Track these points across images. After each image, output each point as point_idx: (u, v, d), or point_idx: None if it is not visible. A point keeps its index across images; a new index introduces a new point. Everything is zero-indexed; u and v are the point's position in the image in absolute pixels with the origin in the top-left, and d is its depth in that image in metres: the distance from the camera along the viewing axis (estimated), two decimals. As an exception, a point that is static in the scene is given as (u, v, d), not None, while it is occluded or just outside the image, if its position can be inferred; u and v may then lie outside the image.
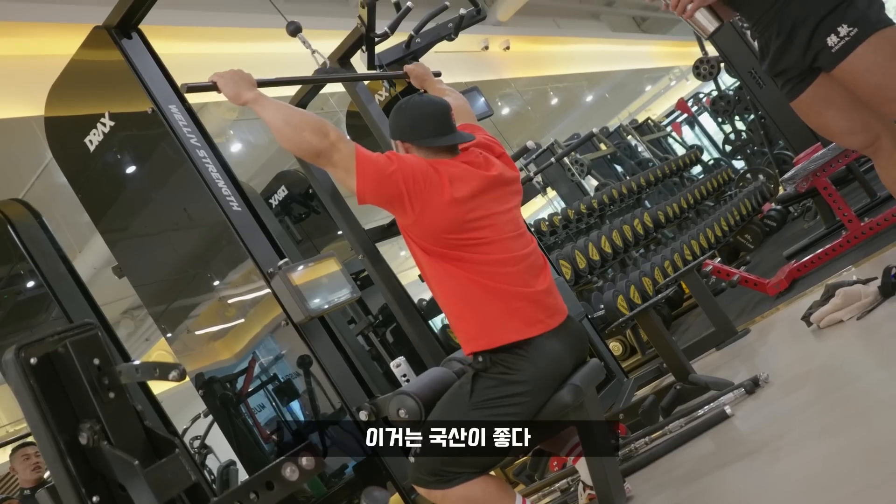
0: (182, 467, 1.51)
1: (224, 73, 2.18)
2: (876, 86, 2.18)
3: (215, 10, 7.47)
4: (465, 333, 2.08)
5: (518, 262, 2.09)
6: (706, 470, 2.38)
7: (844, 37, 2.16)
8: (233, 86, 2.15)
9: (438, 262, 2.07)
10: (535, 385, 2.00)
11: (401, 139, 2.19)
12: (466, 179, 2.07)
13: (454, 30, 3.58)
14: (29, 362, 1.51)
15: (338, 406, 2.97)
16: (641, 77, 21.76)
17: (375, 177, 1.99)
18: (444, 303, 2.12)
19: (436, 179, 2.03)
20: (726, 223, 6.80)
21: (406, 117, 2.18)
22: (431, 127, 2.15)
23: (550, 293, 2.14)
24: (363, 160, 2.00)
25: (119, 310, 10.27)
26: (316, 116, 2.07)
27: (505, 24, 12.56)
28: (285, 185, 5.42)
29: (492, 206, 2.10)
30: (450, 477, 2.01)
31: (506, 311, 2.03)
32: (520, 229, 2.18)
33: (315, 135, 2.00)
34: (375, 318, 5.05)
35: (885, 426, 1.87)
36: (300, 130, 2.01)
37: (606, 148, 10.04)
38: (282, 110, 2.06)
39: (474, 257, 2.04)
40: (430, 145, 2.15)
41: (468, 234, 2.05)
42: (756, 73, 6.48)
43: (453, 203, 2.02)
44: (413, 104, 2.20)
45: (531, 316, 2.04)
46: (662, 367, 3.90)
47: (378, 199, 2.03)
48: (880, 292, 2.89)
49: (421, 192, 2.01)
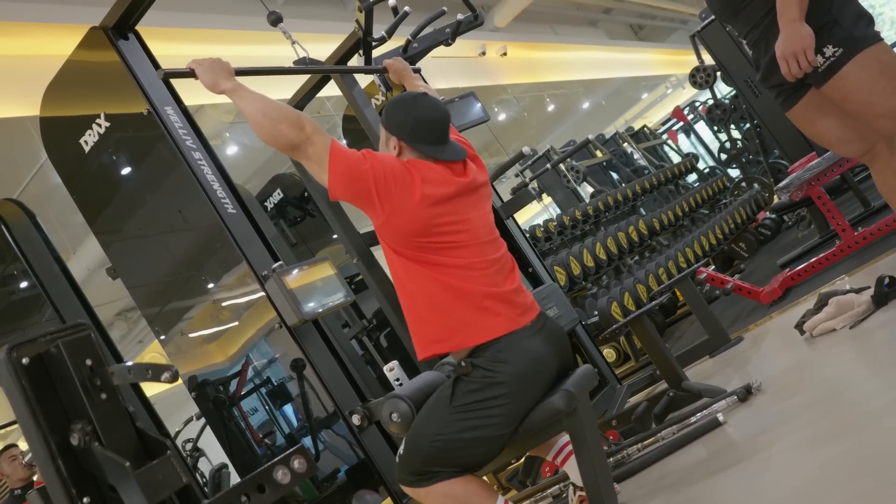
0: (173, 469, 1.50)
1: (203, 61, 2.17)
2: (863, 103, 2.20)
3: (212, 12, 7.47)
4: (428, 336, 2.07)
5: (488, 265, 2.09)
6: (698, 477, 2.38)
7: (830, 57, 2.18)
8: (211, 74, 2.14)
9: (407, 262, 2.06)
10: (517, 387, 2.00)
11: (396, 135, 2.15)
12: (440, 183, 2.07)
13: (451, 35, 3.58)
14: (21, 362, 1.51)
15: (331, 410, 2.96)
16: (638, 85, 21.83)
17: (346, 173, 1.99)
18: (409, 304, 2.10)
19: (407, 180, 2.02)
20: (721, 231, 6.81)
21: (410, 117, 2.14)
22: (431, 135, 2.14)
23: (520, 292, 2.13)
24: (336, 155, 1.99)
25: (113, 311, 10.23)
26: (293, 109, 2.07)
27: (502, 30, 12.59)
28: (281, 188, 5.42)
29: (465, 211, 2.10)
30: (430, 476, 2.02)
31: (475, 310, 2.02)
32: (492, 234, 2.17)
33: (291, 127, 2.00)
34: (369, 322, 5.04)
35: (876, 435, 1.88)
36: (276, 122, 2.01)
37: (602, 155, 10.06)
38: (259, 101, 2.05)
39: (444, 260, 2.04)
40: (424, 153, 2.13)
41: (438, 238, 2.04)
42: (752, 82, 6.52)
43: (423, 204, 2.01)
44: (419, 105, 2.17)
45: (501, 313, 2.04)
46: (656, 374, 3.91)
47: (348, 195, 2.03)
48: (873, 301, 2.90)
49: (390, 193, 2.00)
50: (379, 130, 2.28)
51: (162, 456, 1.55)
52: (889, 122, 2.21)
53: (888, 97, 2.17)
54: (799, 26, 2.15)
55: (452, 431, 1.99)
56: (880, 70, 2.16)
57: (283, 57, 3.09)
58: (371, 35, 3.26)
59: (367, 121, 3.51)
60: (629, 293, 4.99)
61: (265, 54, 7.54)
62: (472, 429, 1.99)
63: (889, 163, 2.34)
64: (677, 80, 21.39)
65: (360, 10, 3.17)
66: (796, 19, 2.15)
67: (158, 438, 1.59)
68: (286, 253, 4.77)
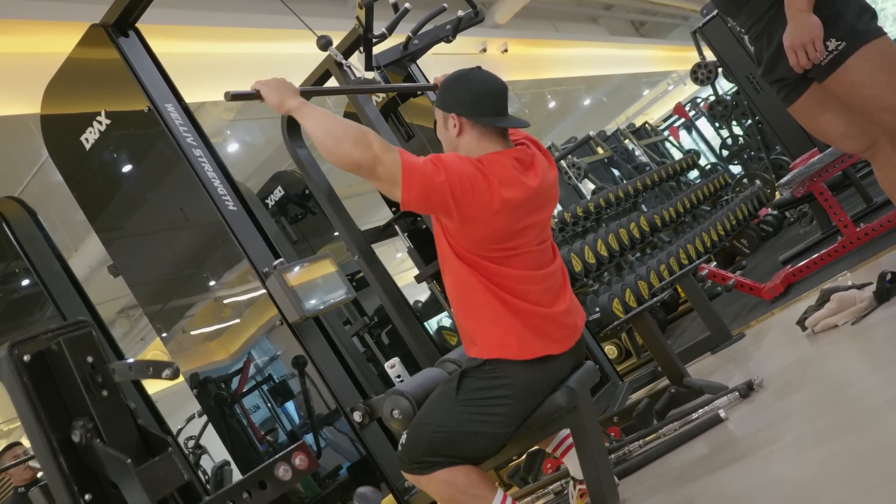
0: (175, 466, 1.50)
1: (268, 82, 2.10)
2: (866, 97, 2.19)
3: (213, 9, 7.46)
4: (482, 341, 2.04)
5: (542, 280, 2.06)
6: (700, 473, 2.38)
7: (833, 51, 2.18)
8: (277, 94, 2.06)
9: (466, 267, 2.01)
10: (526, 390, 2.01)
11: (457, 112, 2.07)
12: (514, 186, 1.99)
13: (452, 32, 3.58)
14: (22, 360, 1.51)
15: (332, 406, 2.97)
16: (639, 81, 21.80)
17: (422, 187, 1.90)
18: (459, 304, 2.07)
19: (484, 186, 1.94)
20: (722, 227, 6.81)
21: (468, 91, 2.08)
22: (493, 105, 2.07)
23: (570, 312, 2.11)
24: (409, 172, 1.90)
25: (114, 309, 10.25)
26: (358, 126, 1.97)
27: (503, 26, 12.57)
28: (282, 185, 5.42)
29: (531, 217, 2.05)
30: (430, 465, 2.03)
31: (522, 328, 2.00)
32: (547, 240, 2.14)
33: (357, 147, 1.90)
34: (371, 319, 5.04)
35: (878, 431, 1.88)
36: (340, 142, 1.92)
37: (603, 151, 10.05)
38: (324, 121, 1.97)
39: (500, 270, 2.00)
40: (489, 124, 2.06)
41: (509, 243, 2.00)
42: (753, 78, 6.51)
43: (502, 212, 1.95)
44: (477, 77, 2.11)
45: (549, 336, 2.03)
46: (657, 371, 3.90)
47: (423, 208, 1.97)
48: (875, 297, 2.90)
49: (468, 202, 1.93)
50: (379, 128, 2.26)
51: (163, 453, 1.55)
52: (892, 116, 2.21)
53: (891, 91, 2.17)
54: (807, 17, 2.14)
55: (455, 424, 2.00)
56: (883, 64, 2.16)
57: (284, 55, 3.09)
58: (371, 32, 3.25)
59: (367, 117, 3.51)
60: (631, 290, 4.99)
61: (266, 52, 7.54)
62: (474, 423, 1.99)
63: (891, 158, 2.34)
64: (679, 76, 21.37)
65: (360, 6, 3.16)
66: (804, 10, 2.14)
67: (160, 435, 1.60)
68: (287, 250, 4.78)
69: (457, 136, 2.09)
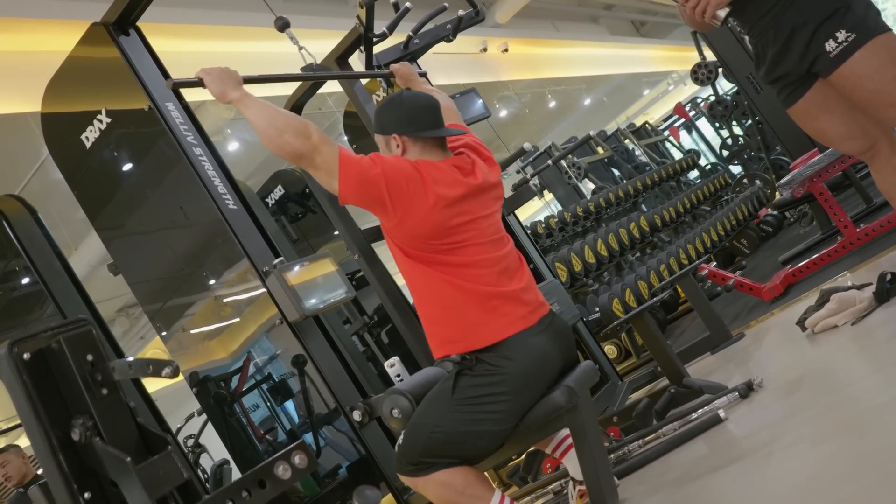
0: (174, 464, 1.51)
1: (211, 70, 2.17)
2: (873, 91, 2.18)
3: (213, 8, 7.46)
4: (440, 337, 2.09)
5: (494, 263, 2.09)
6: (699, 473, 2.38)
7: (843, 42, 2.16)
8: (219, 83, 2.14)
9: (417, 264, 2.07)
10: (519, 384, 2.01)
11: (396, 132, 2.16)
12: (450, 184, 2.07)
13: (453, 31, 3.58)
14: (22, 358, 1.51)
15: (332, 406, 2.96)
16: (639, 81, 21.79)
17: (358, 179, 1.99)
18: (421, 306, 2.13)
19: (419, 182, 2.02)
20: (722, 228, 6.81)
21: (402, 110, 2.17)
22: (429, 118, 2.16)
23: (529, 289, 2.14)
24: (346, 162, 1.99)
25: (114, 308, 10.25)
26: (299, 118, 2.06)
27: (503, 26, 12.56)
28: (282, 184, 5.41)
29: (474, 212, 2.10)
30: (428, 466, 2.04)
31: (483, 310, 2.03)
32: (499, 233, 2.18)
33: (297, 137, 2.00)
34: (370, 318, 5.04)
35: (877, 431, 1.88)
36: (282, 132, 2.01)
37: (603, 151, 10.04)
38: (265, 111, 2.05)
39: (451, 259, 2.05)
40: (428, 136, 2.14)
41: (449, 239, 2.05)
42: (753, 78, 6.51)
43: (437, 207, 2.02)
44: (408, 97, 2.20)
45: (510, 313, 2.04)
46: (657, 371, 3.91)
47: (360, 200, 2.03)
48: (875, 298, 2.90)
49: (403, 196, 2.00)
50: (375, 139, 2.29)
51: (163, 451, 1.55)
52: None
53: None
54: None
55: (452, 424, 2.00)
56: (891, 58, 2.15)
57: (286, 53, 3.08)
58: (372, 31, 3.25)
59: (368, 117, 3.51)
60: (630, 290, 4.99)
61: (267, 50, 7.53)
62: (472, 422, 2.00)
63: (889, 161, 2.33)
64: (679, 76, 21.36)
65: (361, 6, 3.16)
66: None
67: (159, 434, 1.60)
68: (287, 249, 4.78)
69: (401, 156, 2.16)
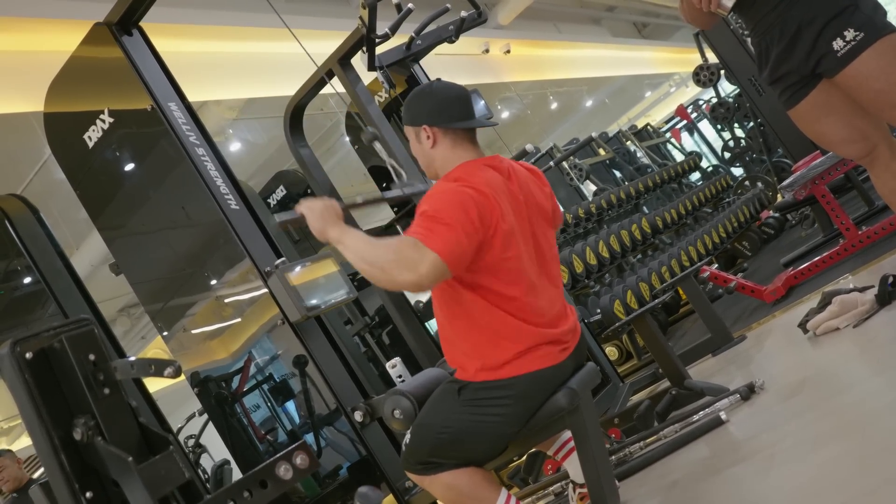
0: (176, 464, 1.51)
1: (314, 206, 2.09)
2: (879, 91, 2.17)
3: (216, 8, 7.46)
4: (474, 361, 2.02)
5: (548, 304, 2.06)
6: (700, 475, 2.38)
7: (851, 41, 2.15)
8: (321, 221, 2.05)
9: (459, 286, 1.99)
10: (527, 390, 2.00)
11: (427, 123, 2.09)
12: (500, 188, 2.01)
13: (455, 32, 3.58)
14: (24, 357, 1.51)
15: (333, 406, 2.97)
16: (641, 83, 21.79)
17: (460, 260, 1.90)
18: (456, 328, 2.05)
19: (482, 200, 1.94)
20: (724, 230, 6.80)
21: (433, 100, 2.11)
22: (461, 109, 2.10)
23: (572, 332, 2.11)
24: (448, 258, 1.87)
25: (116, 308, 10.25)
26: (395, 244, 1.94)
27: (506, 27, 12.57)
28: (284, 184, 5.42)
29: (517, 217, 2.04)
30: (435, 466, 2.04)
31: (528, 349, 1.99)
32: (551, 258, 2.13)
33: (404, 271, 1.88)
34: (372, 319, 5.04)
35: (879, 433, 1.88)
36: (389, 272, 1.91)
37: (605, 153, 10.04)
38: (364, 251, 1.96)
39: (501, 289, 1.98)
40: (461, 127, 2.09)
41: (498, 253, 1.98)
42: (755, 80, 6.50)
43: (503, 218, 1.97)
44: (439, 87, 2.15)
45: (550, 353, 2.02)
46: (658, 373, 3.90)
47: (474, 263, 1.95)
48: (877, 300, 2.90)
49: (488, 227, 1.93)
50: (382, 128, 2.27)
51: (164, 451, 1.55)
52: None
53: None
54: None
55: (459, 425, 2.00)
56: None
57: (286, 53, 3.09)
58: (374, 32, 3.26)
59: (370, 117, 3.51)
60: (632, 291, 4.99)
61: (268, 51, 7.54)
62: (478, 424, 1.99)
63: (888, 165, 2.32)
64: (681, 78, 21.36)
65: (363, 6, 3.17)
66: None
67: (161, 434, 1.60)
68: (289, 249, 4.78)
69: (431, 148, 2.12)
